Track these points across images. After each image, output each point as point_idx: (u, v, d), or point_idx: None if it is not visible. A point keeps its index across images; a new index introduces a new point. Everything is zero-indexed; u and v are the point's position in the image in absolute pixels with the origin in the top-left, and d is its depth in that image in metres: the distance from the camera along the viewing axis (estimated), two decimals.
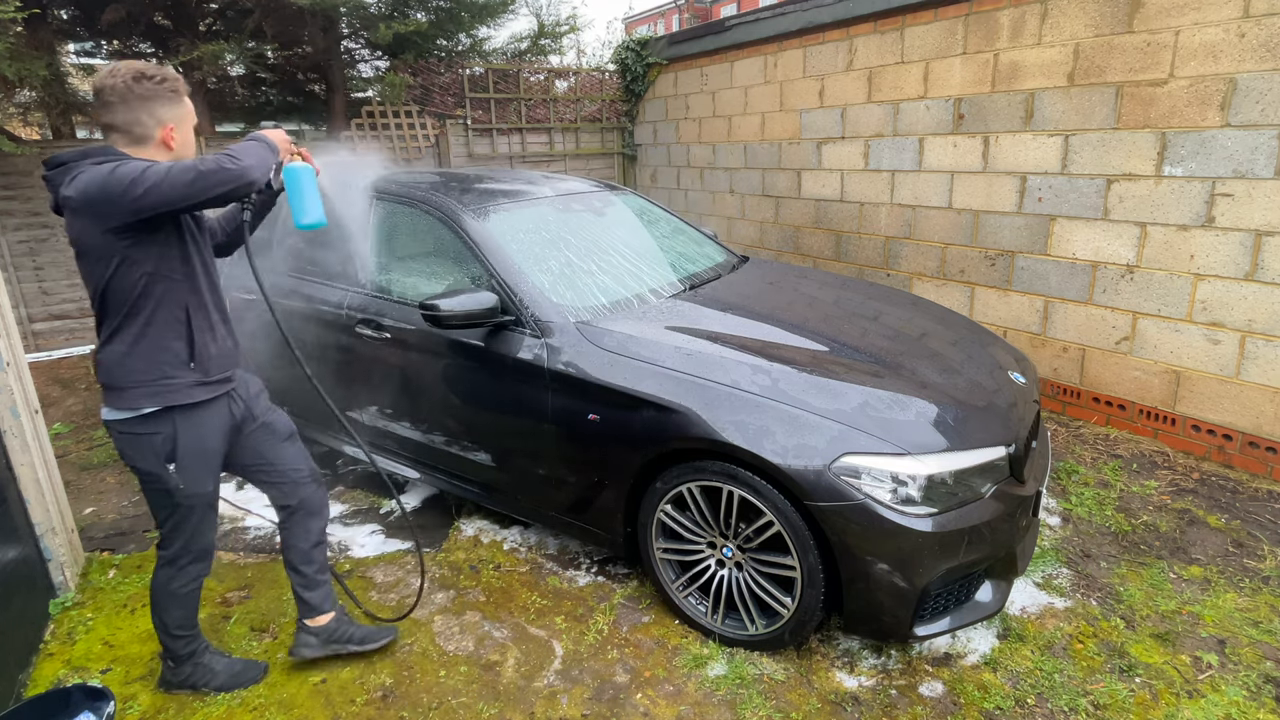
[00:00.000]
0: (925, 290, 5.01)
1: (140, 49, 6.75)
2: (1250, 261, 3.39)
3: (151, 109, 1.76)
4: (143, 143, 1.78)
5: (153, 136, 1.78)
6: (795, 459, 2.10)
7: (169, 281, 1.81)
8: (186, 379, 1.87)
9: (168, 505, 1.99)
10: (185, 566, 2.09)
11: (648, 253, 3.41)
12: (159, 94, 1.76)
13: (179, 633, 2.17)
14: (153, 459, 1.90)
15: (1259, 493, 3.32)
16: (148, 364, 1.82)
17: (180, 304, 1.85)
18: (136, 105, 1.74)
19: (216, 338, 1.95)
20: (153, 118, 1.76)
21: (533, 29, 7.66)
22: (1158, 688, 2.21)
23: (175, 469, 1.91)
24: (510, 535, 3.12)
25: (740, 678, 2.26)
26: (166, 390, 1.85)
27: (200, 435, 1.94)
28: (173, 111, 1.80)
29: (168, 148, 1.81)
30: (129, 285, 1.77)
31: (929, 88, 4.73)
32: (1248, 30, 3.25)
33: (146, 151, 1.78)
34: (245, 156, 1.72)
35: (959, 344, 2.81)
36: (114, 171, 1.64)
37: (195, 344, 1.88)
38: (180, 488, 1.94)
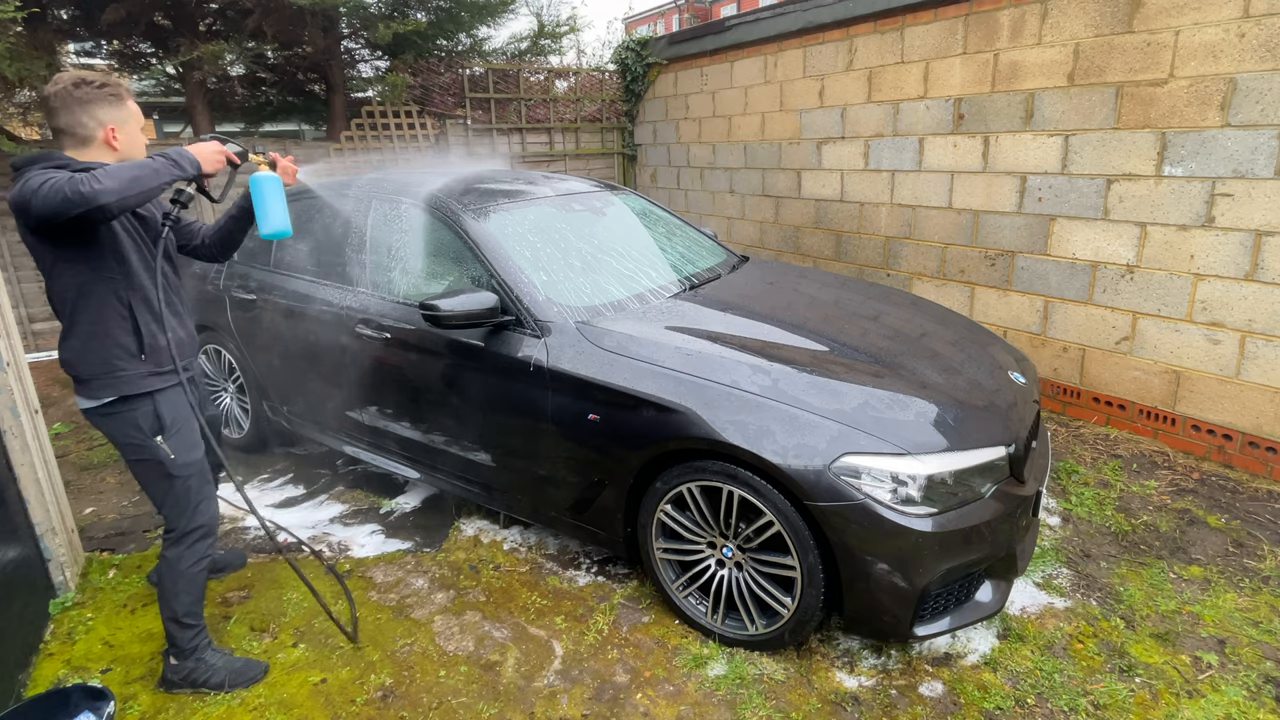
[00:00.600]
0: (925, 290, 5.01)
1: (140, 49, 6.75)
2: (1250, 261, 3.39)
3: (91, 111, 1.89)
4: (87, 144, 1.91)
5: (95, 137, 1.91)
6: (795, 459, 2.10)
7: (108, 281, 1.92)
8: (138, 369, 2.00)
9: (164, 481, 2.07)
10: (194, 544, 2.13)
11: (647, 253, 3.41)
12: (99, 97, 1.90)
13: (188, 620, 2.18)
14: (138, 434, 2.01)
15: (1259, 493, 3.32)
16: (101, 358, 1.95)
17: (123, 301, 1.96)
18: (77, 109, 1.87)
19: (166, 329, 2.05)
20: (93, 119, 1.90)
21: (533, 29, 7.66)
22: (1158, 688, 2.21)
23: (164, 440, 2.04)
24: (510, 535, 3.12)
25: (740, 678, 2.26)
26: (121, 381, 1.98)
27: (179, 406, 2.09)
28: (114, 114, 1.93)
29: (111, 148, 1.94)
30: (66, 285, 1.90)
31: (929, 88, 4.73)
32: (1248, 30, 3.25)
33: (91, 151, 1.92)
34: (108, 179, 1.72)
35: (959, 344, 2.81)
36: (27, 183, 1.76)
37: (143, 336, 1.99)
38: (172, 458, 2.05)
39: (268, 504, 3.44)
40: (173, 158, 1.86)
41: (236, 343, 3.66)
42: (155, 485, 2.09)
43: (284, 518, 3.31)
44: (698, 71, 6.86)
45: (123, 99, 1.96)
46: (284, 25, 5.97)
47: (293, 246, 3.50)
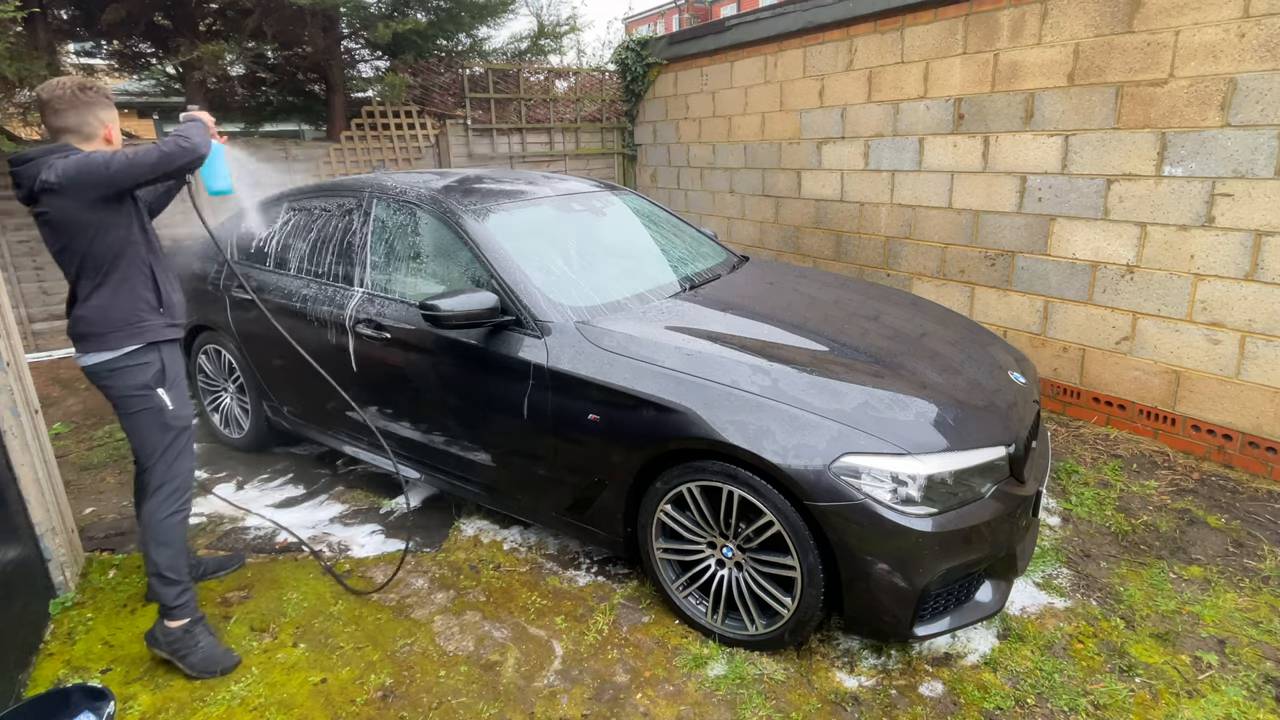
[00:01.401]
0: (925, 290, 5.01)
1: (140, 49, 6.75)
2: (1250, 261, 3.39)
3: (95, 112, 2.17)
4: (90, 140, 2.18)
5: (97, 134, 2.19)
6: (795, 459, 2.10)
7: (134, 244, 2.20)
8: (159, 321, 2.26)
9: (159, 431, 2.27)
10: (174, 492, 2.30)
11: (647, 253, 3.41)
12: (99, 100, 2.18)
13: (170, 574, 2.29)
14: (144, 386, 2.23)
15: (1259, 493, 3.32)
16: (128, 311, 2.20)
17: (144, 261, 2.24)
18: (85, 110, 2.15)
19: (176, 289, 2.36)
20: (96, 119, 2.18)
21: (533, 29, 7.65)
22: (1158, 688, 2.21)
23: (165, 391, 2.27)
24: (510, 535, 3.12)
25: (740, 678, 2.26)
26: (146, 330, 2.23)
27: (178, 363, 2.34)
28: (109, 114, 2.22)
29: (108, 143, 2.22)
30: (107, 248, 2.15)
31: (929, 88, 4.73)
32: (1248, 30, 3.25)
33: (92, 147, 2.17)
34: (194, 135, 2.15)
35: (959, 344, 2.81)
36: (89, 158, 2.06)
37: (161, 292, 2.27)
38: (171, 408, 2.27)
39: (268, 504, 3.44)
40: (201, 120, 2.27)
41: (236, 343, 3.66)
42: (150, 435, 2.27)
43: (284, 518, 3.31)
44: (698, 71, 6.86)
45: (111, 102, 2.25)
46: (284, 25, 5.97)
47: (293, 246, 3.50)
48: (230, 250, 3.79)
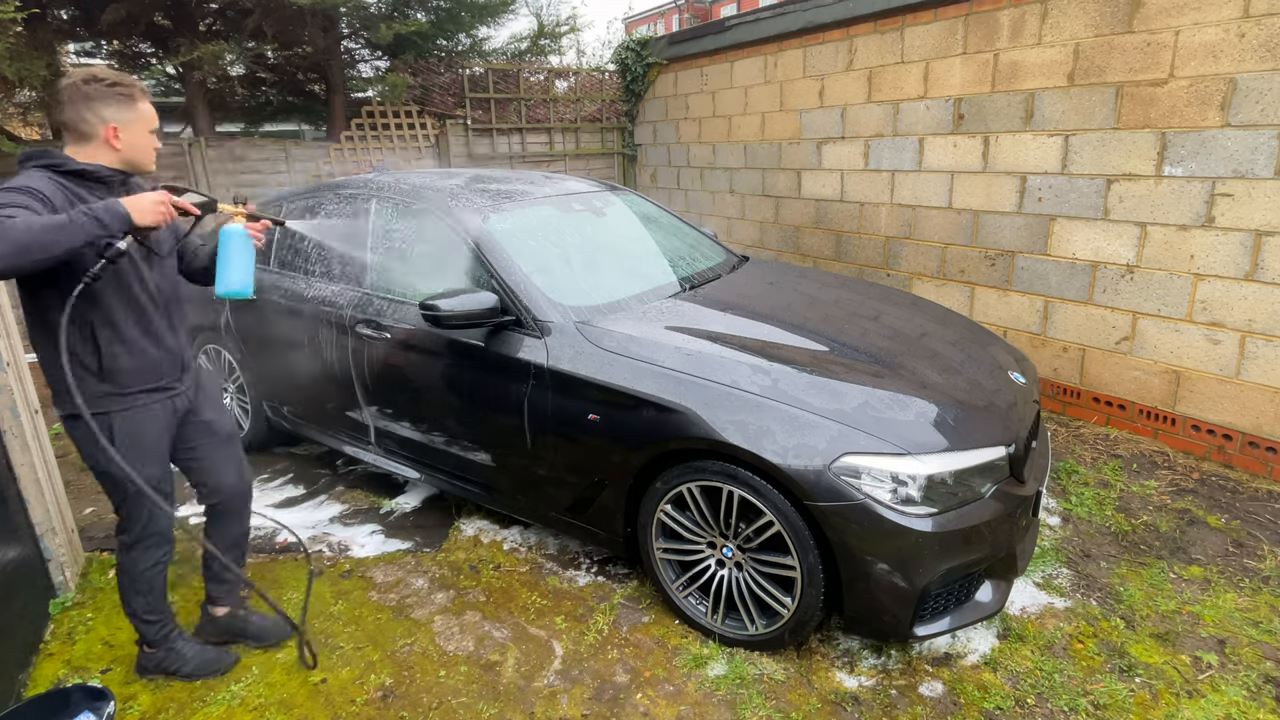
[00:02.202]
0: (925, 290, 5.01)
1: (140, 49, 6.75)
2: (1250, 261, 3.39)
3: (96, 108, 1.85)
4: (87, 140, 1.88)
5: (96, 135, 1.87)
6: (795, 459, 2.10)
7: (73, 300, 1.79)
8: (96, 389, 1.94)
9: (118, 492, 2.06)
10: (148, 549, 2.15)
11: (648, 253, 3.41)
12: (105, 95, 1.85)
13: (149, 617, 2.23)
14: (94, 448, 1.96)
15: (1259, 493, 3.32)
16: (60, 373, 1.84)
17: (85, 320, 1.88)
18: (81, 104, 1.84)
19: (133, 351, 1.97)
20: (96, 116, 1.85)
21: (533, 29, 7.66)
22: (1158, 688, 2.21)
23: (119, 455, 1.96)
24: (510, 535, 3.12)
25: (740, 678, 2.26)
26: (78, 398, 1.87)
27: (136, 425, 2.01)
28: (119, 113, 1.88)
29: (112, 147, 1.89)
30: (31, 299, 1.86)
31: (929, 88, 4.73)
32: (1248, 30, 3.25)
33: (90, 149, 1.88)
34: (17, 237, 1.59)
35: (959, 344, 2.81)
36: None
37: (103, 357, 1.92)
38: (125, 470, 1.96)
39: (268, 504, 3.44)
40: (97, 214, 1.70)
41: (236, 343, 3.66)
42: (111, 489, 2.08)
43: (284, 518, 3.31)
44: (698, 71, 6.86)
45: (134, 100, 1.91)
46: (284, 25, 5.97)
47: (293, 246, 3.50)
48: None
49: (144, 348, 2.00)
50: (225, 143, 6.39)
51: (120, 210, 1.75)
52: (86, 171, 1.86)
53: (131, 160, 1.94)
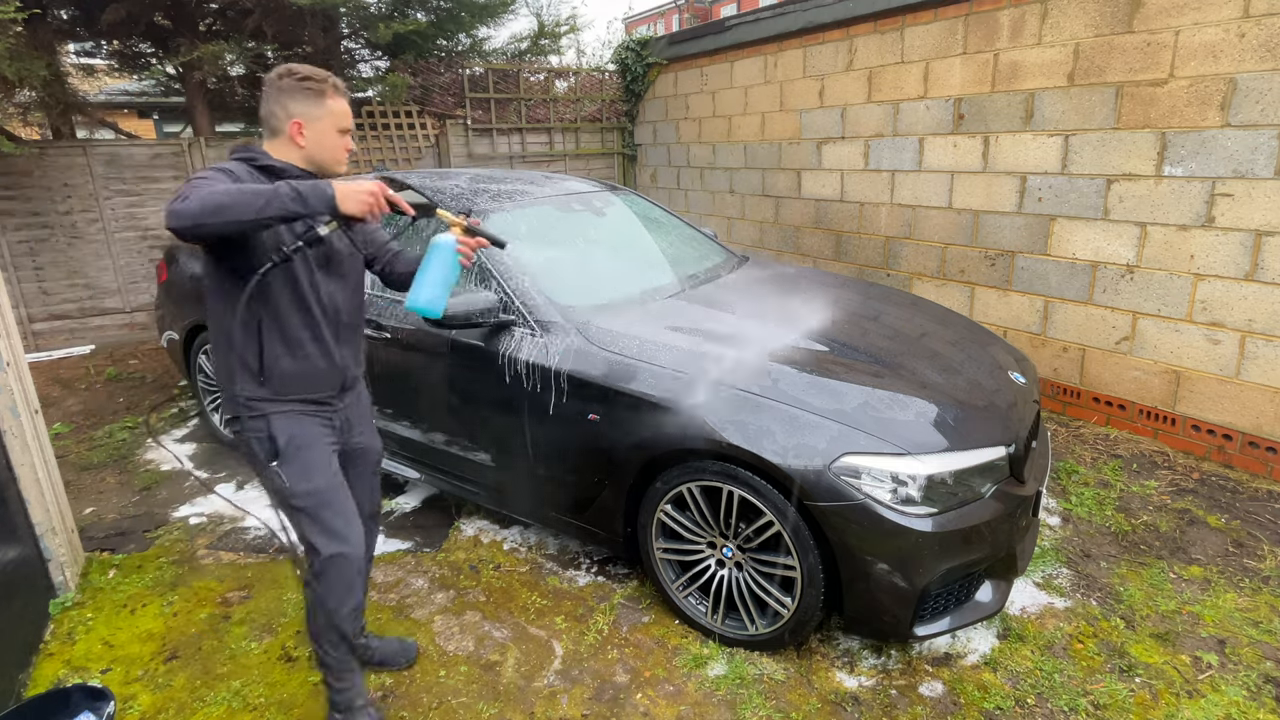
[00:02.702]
0: (925, 290, 5.01)
1: (140, 49, 6.75)
2: (1250, 261, 3.39)
3: (284, 102, 1.79)
4: (276, 135, 1.82)
5: (283, 130, 1.80)
6: (795, 459, 2.10)
7: (251, 286, 1.69)
8: (255, 392, 1.83)
9: (289, 512, 1.89)
10: (333, 587, 1.90)
11: (648, 253, 3.41)
12: (294, 89, 1.78)
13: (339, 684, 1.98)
14: (252, 456, 1.87)
15: (1259, 493, 3.32)
16: (227, 372, 1.83)
17: (253, 316, 1.78)
18: (273, 98, 1.80)
19: (296, 356, 1.84)
20: (284, 111, 1.79)
21: (533, 29, 7.66)
22: (1158, 688, 2.21)
23: (279, 466, 1.85)
24: (510, 535, 3.12)
25: (740, 678, 2.26)
26: (237, 402, 1.84)
27: (300, 428, 1.87)
28: (306, 108, 1.79)
29: (296, 144, 1.81)
30: (215, 290, 1.81)
31: (929, 88, 4.73)
32: (1248, 30, 3.25)
33: (278, 144, 1.82)
34: (195, 199, 1.54)
35: (959, 344, 2.81)
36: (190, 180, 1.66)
37: (265, 356, 1.81)
38: (289, 485, 1.85)
39: (268, 504, 3.43)
40: (300, 189, 1.60)
41: None
42: (281, 509, 1.91)
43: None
44: (698, 71, 6.86)
45: (323, 95, 1.80)
46: (284, 25, 5.96)
47: None
48: None
49: (308, 354, 1.86)
50: (225, 143, 6.39)
51: (326, 191, 1.62)
52: (275, 168, 1.79)
53: (317, 159, 1.83)
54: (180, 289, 4.02)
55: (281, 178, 1.75)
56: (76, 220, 5.90)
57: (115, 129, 7.96)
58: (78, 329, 6.08)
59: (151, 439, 4.20)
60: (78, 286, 6.01)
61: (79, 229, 5.92)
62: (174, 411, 4.64)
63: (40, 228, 5.79)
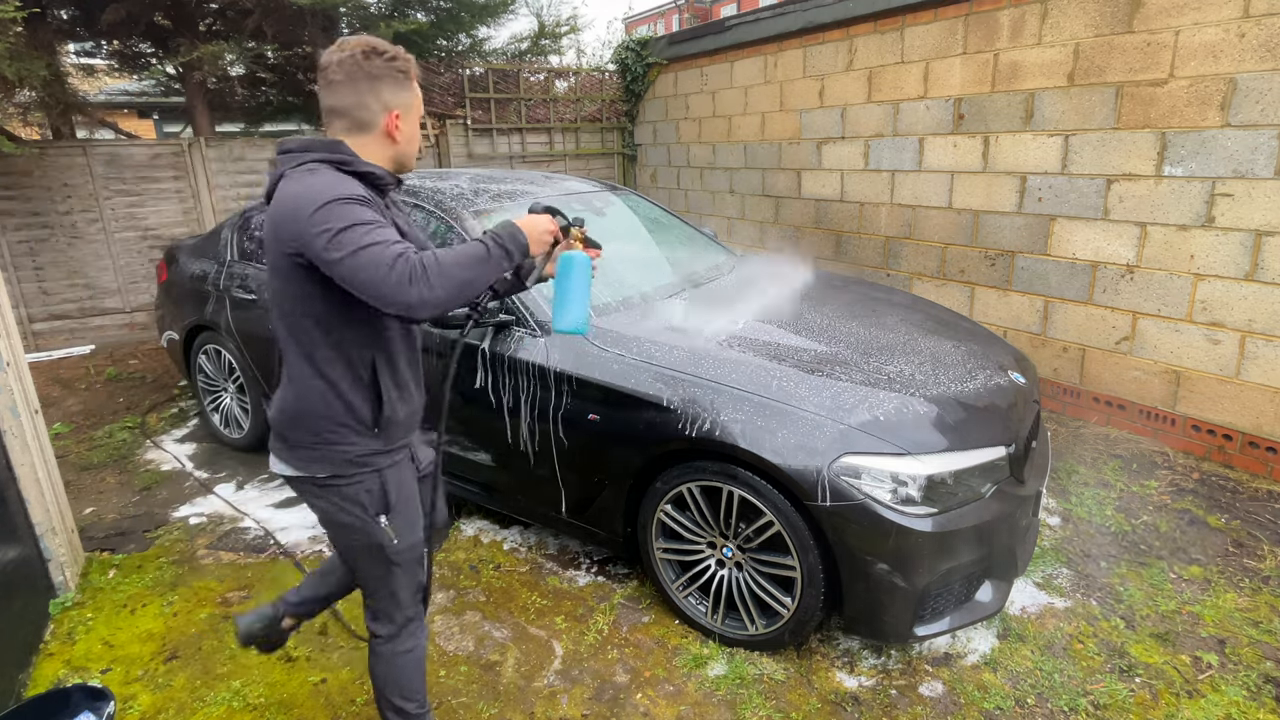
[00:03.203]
0: (925, 290, 5.01)
1: (140, 49, 6.75)
2: (1250, 261, 3.39)
3: (377, 91, 1.50)
4: (366, 130, 1.53)
5: (377, 124, 1.52)
6: (795, 459, 2.10)
7: (358, 325, 1.56)
8: (367, 447, 1.64)
9: (378, 570, 1.70)
10: (413, 634, 1.77)
11: (648, 253, 3.41)
12: (388, 73, 1.51)
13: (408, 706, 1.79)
14: (357, 513, 1.66)
15: (1259, 493, 3.32)
16: (314, 423, 1.62)
17: (366, 360, 1.61)
18: (364, 85, 1.49)
19: (406, 399, 1.69)
20: (379, 101, 1.51)
21: (533, 29, 7.66)
22: (1158, 688, 2.21)
23: (387, 520, 1.66)
24: (510, 535, 3.12)
25: (740, 678, 2.26)
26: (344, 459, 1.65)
27: (404, 482, 1.71)
28: (399, 97, 1.53)
29: (392, 139, 1.55)
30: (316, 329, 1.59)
31: (929, 88, 4.73)
32: (1248, 30, 3.25)
33: (368, 140, 1.54)
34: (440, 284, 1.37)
35: (959, 344, 2.81)
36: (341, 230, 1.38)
37: (383, 404, 1.62)
38: (395, 541, 1.67)
39: (268, 504, 3.44)
40: (504, 243, 1.48)
41: (237, 343, 3.66)
42: (368, 566, 1.69)
43: (284, 518, 3.30)
44: (698, 71, 6.86)
45: (411, 78, 1.55)
46: (284, 25, 5.97)
47: None
48: (231, 250, 3.79)
49: (412, 395, 1.70)
50: (226, 143, 6.39)
51: (521, 240, 1.51)
52: (373, 176, 1.52)
53: (405, 156, 1.60)
54: (180, 289, 4.02)
55: (378, 187, 1.55)
56: (76, 220, 5.90)
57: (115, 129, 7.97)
58: (78, 329, 6.08)
59: (149, 440, 4.20)
60: (78, 286, 6.01)
61: (79, 229, 5.92)
62: (174, 411, 4.64)
63: (40, 228, 5.79)
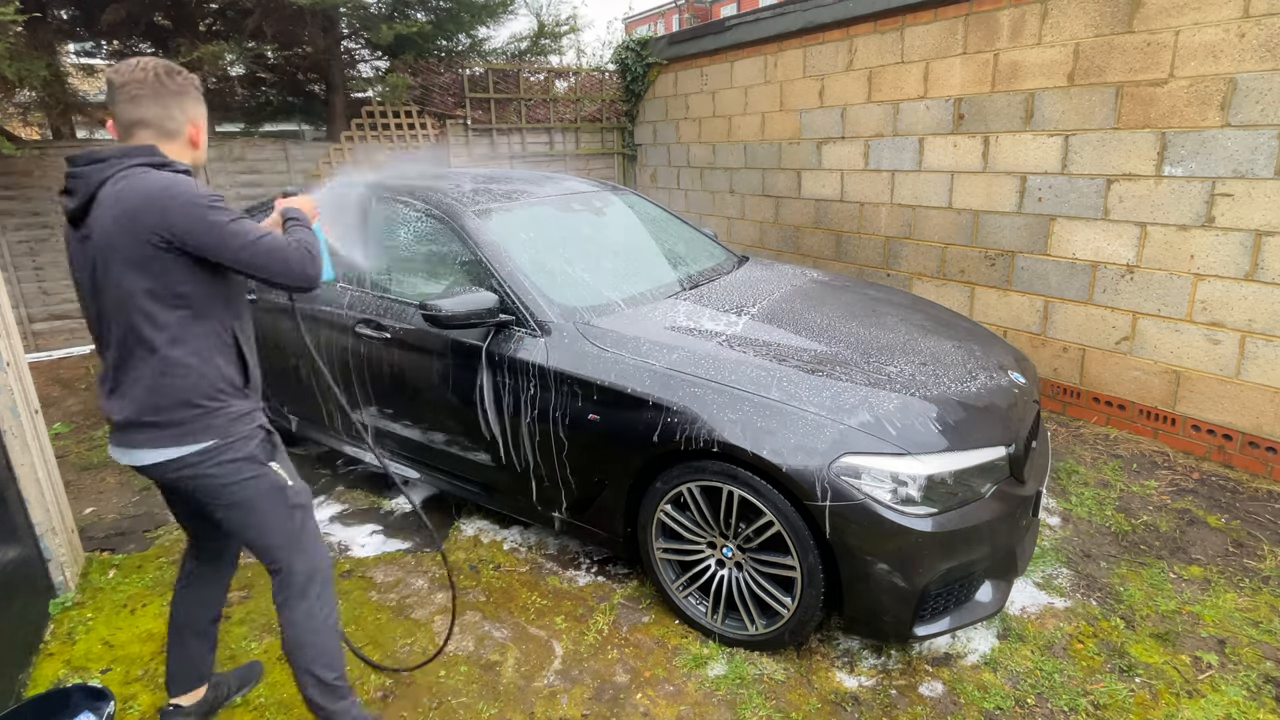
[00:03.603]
0: (925, 290, 5.01)
1: (140, 49, 6.75)
2: (1250, 261, 3.39)
3: (183, 104, 1.72)
4: (172, 139, 1.72)
5: (182, 133, 1.73)
6: (795, 459, 2.10)
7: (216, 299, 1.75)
8: (244, 406, 1.82)
9: (284, 514, 1.83)
10: (327, 590, 1.89)
11: (647, 253, 3.41)
12: (189, 89, 1.74)
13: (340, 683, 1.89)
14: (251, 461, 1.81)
15: (1259, 493, 3.32)
16: (187, 392, 1.74)
17: (228, 329, 1.79)
18: (170, 99, 1.69)
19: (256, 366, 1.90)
20: (184, 113, 1.72)
21: (533, 29, 7.66)
22: (1158, 688, 2.21)
23: (278, 466, 1.83)
24: (510, 535, 3.12)
25: (740, 678, 2.26)
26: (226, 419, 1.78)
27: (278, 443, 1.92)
28: (199, 110, 1.77)
29: (194, 145, 1.77)
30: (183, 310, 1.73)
31: (929, 88, 4.73)
32: (1248, 30, 3.25)
33: (173, 147, 1.72)
34: (317, 260, 1.70)
35: (959, 344, 2.81)
36: (184, 187, 1.61)
37: (249, 368, 1.84)
38: (291, 484, 1.84)
39: None
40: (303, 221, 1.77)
41: None
42: (276, 521, 1.81)
43: None
44: (698, 71, 6.86)
45: (201, 96, 1.79)
46: (284, 25, 5.97)
47: None
48: None
49: (256, 359, 1.88)
50: (225, 142, 6.39)
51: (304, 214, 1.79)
52: (186, 173, 1.71)
53: (198, 163, 1.81)
54: None
55: None
56: None
57: None
58: (78, 329, 6.08)
59: None
60: None
61: None
62: None
63: (40, 228, 5.79)
